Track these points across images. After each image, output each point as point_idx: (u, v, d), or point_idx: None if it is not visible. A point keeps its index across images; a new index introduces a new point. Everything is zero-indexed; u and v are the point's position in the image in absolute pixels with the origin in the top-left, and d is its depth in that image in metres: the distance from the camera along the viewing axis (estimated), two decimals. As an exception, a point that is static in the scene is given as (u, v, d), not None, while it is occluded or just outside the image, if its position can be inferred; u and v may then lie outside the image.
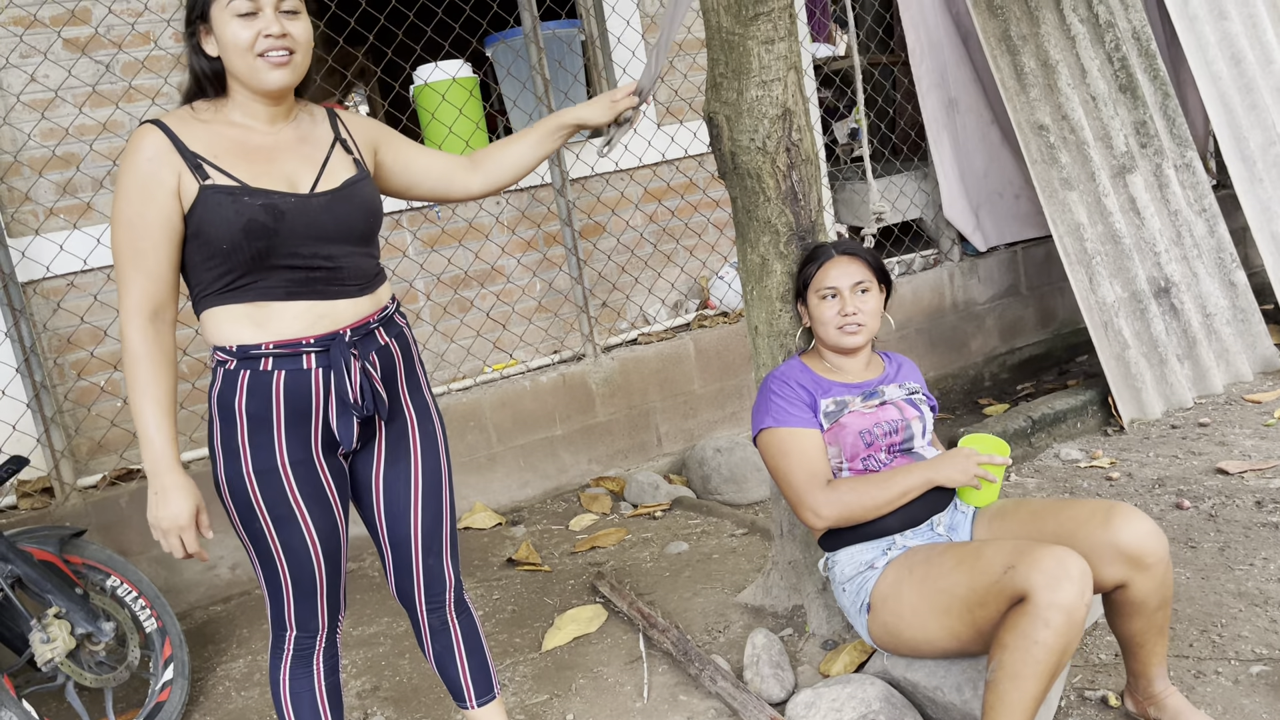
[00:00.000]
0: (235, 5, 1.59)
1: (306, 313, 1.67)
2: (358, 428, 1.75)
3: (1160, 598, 1.92)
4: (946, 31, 4.50)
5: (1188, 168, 4.30)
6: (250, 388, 1.66)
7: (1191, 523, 2.95)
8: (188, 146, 1.62)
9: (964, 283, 4.79)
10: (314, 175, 1.70)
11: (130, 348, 1.61)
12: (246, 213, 1.60)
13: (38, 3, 3.30)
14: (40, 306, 3.34)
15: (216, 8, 1.61)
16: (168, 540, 1.65)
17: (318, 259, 1.67)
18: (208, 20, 1.62)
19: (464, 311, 4.04)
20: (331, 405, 1.70)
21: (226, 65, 1.64)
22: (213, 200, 1.60)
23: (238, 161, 1.64)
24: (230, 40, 1.61)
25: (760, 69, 2.24)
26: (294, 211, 1.64)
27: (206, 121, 1.66)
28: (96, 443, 3.44)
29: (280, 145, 1.70)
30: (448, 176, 1.98)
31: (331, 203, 1.69)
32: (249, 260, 1.61)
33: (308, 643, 1.81)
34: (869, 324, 2.18)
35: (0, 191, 3.28)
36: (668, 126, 4.39)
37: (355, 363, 1.71)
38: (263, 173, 1.65)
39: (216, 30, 1.62)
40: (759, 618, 2.70)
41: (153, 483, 1.63)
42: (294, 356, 1.66)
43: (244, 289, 1.64)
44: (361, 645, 2.93)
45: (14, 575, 2.42)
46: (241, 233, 1.59)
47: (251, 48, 1.61)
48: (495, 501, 3.86)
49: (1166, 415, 3.93)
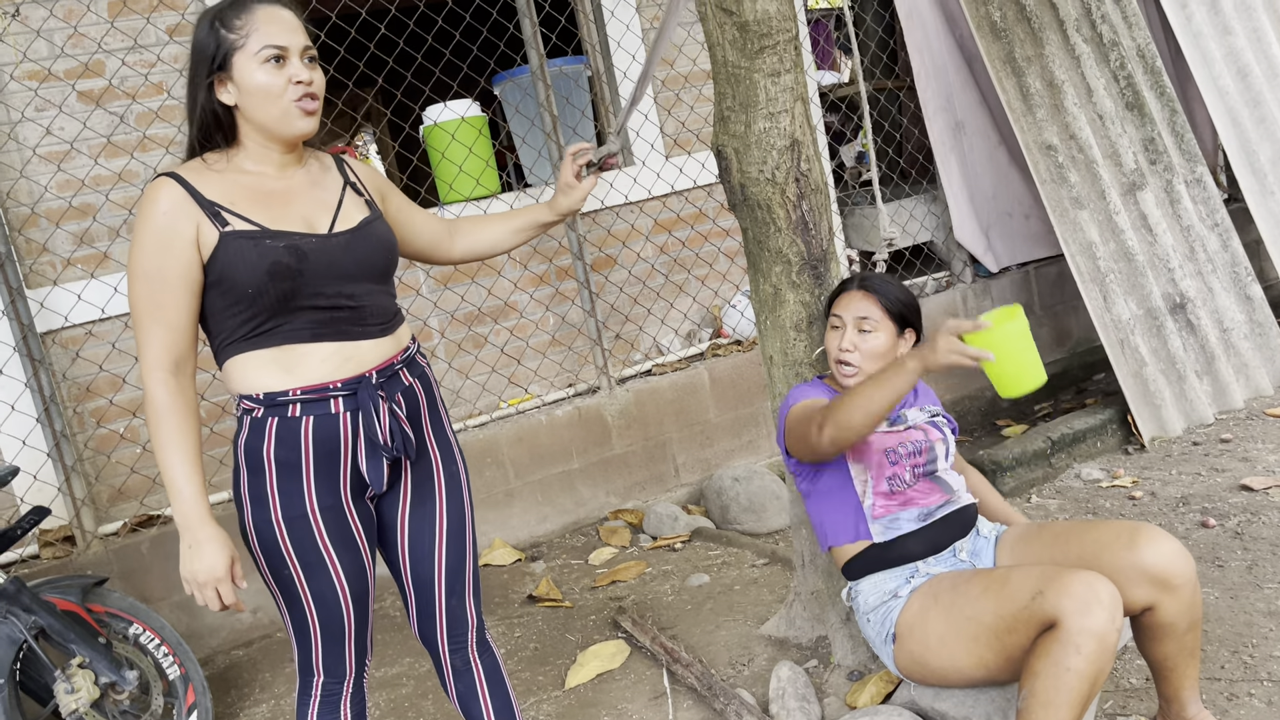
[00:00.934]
0: (265, 52, 1.61)
1: (333, 355, 1.68)
2: (387, 470, 1.75)
3: (1189, 620, 1.90)
4: (951, 55, 4.52)
5: (1198, 182, 4.29)
6: (279, 435, 1.66)
7: (1218, 541, 2.92)
8: (204, 195, 1.63)
9: (977, 304, 4.78)
10: (330, 217, 1.72)
11: (154, 402, 1.61)
12: (270, 255, 1.61)
13: (52, 57, 3.36)
14: (59, 356, 3.37)
15: (242, 55, 1.61)
16: (203, 594, 1.63)
17: (341, 298, 1.68)
18: (227, 69, 1.63)
19: (478, 348, 4.05)
20: (360, 448, 1.71)
21: (246, 112, 1.65)
22: (234, 246, 1.61)
23: (255, 206, 1.65)
24: (259, 87, 1.62)
25: (767, 101, 2.26)
26: (316, 251, 1.65)
27: (220, 171, 1.68)
28: (117, 490, 3.46)
29: (294, 190, 1.72)
30: (436, 239, 2.02)
31: (351, 242, 1.71)
32: (274, 303, 1.62)
33: (335, 688, 1.80)
34: (864, 365, 2.12)
35: (18, 243, 3.32)
36: (676, 158, 4.42)
37: (383, 404, 1.72)
38: (280, 216, 1.66)
39: (239, 78, 1.62)
40: (783, 650, 2.68)
41: (185, 536, 1.62)
42: (322, 401, 1.67)
43: (269, 333, 1.65)
44: (384, 686, 2.92)
45: (38, 626, 2.42)
46: (266, 275, 1.60)
47: (283, 94, 1.63)
48: (514, 537, 3.86)
49: (1187, 432, 3.90)
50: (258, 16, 1.62)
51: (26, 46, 3.32)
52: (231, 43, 1.62)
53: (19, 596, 2.42)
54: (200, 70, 1.65)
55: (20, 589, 2.43)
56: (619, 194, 4.25)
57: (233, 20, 1.62)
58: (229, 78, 1.64)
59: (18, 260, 3.27)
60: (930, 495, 2.11)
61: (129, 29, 3.45)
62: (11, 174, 3.31)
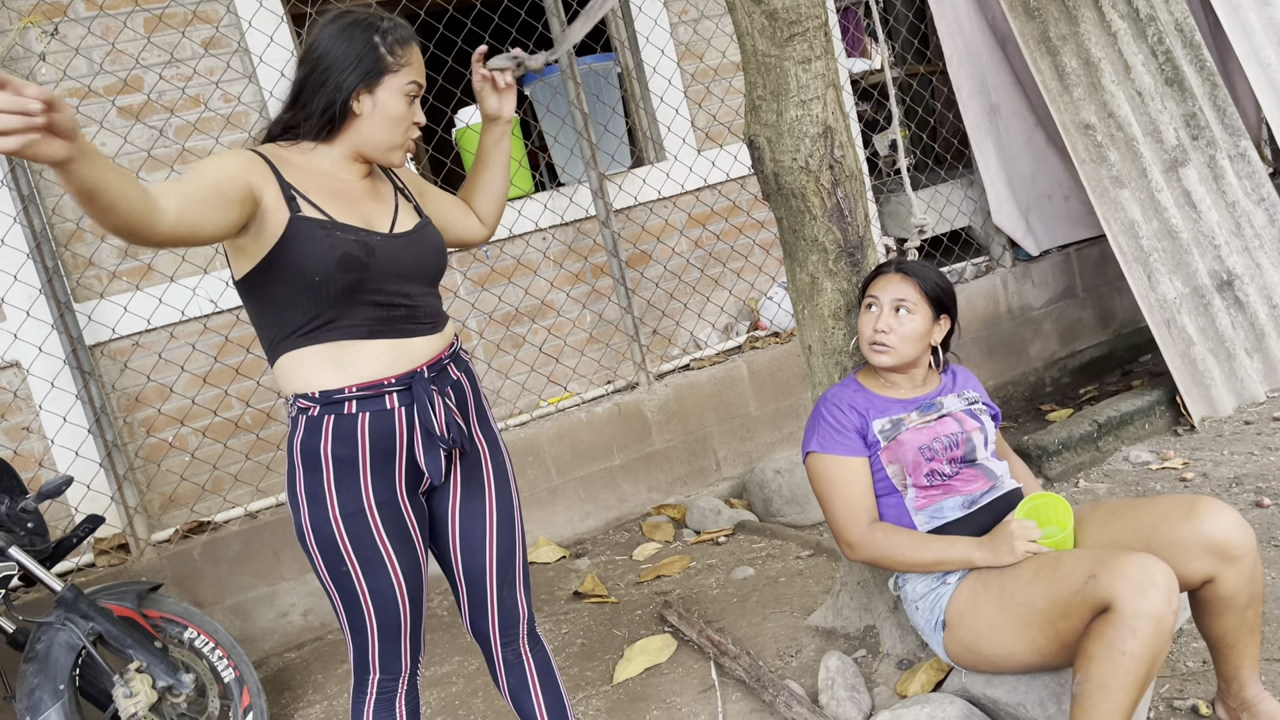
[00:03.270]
0: (411, 88, 1.73)
1: (387, 352, 1.71)
2: (444, 461, 1.77)
3: (1250, 593, 1.86)
4: (983, 37, 4.47)
5: (1242, 157, 4.20)
6: (336, 432, 1.68)
7: (1273, 520, 2.86)
8: (284, 176, 1.67)
9: (1018, 288, 4.72)
10: (390, 219, 1.77)
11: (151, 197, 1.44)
12: (341, 245, 1.64)
13: (91, 74, 3.42)
14: (108, 367, 3.43)
15: (393, 80, 1.71)
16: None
17: (398, 296, 1.72)
18: (374, 86, 1.70)
19: (517, 347, 4.07)
20: (417, 442, 1.73)
21: (365, 128, 1.72)
22: (305, 231, 1.63)
23: (326, 198, 1.69)
24: (394, 113, 1.72)
25: (799, 89, 2.24)
26: (381, 248, 1.70)
27: (296, 161, 1.72)
28: (168, 497, 3.51)
29: (360, 192, 1.77)
30: (465, 218, 2.04)
31: (410, 243, 1.76)
32: (339, 293, 1.65)
33: (390, 685, 1.82)
34: (899, 346, 2.11)
35: (65, 258, 3.38)
36: (708, 151, 4.40)
37: (437, 397, 1.75)
38: (347, 211, 1.71)
39: (381, 99, 1.71)
40: (831, 640, 2.66)
41: None
42: (377, 398, 1.70)
43: (327, 327, 1.67)
44: (435, 685, 2.94)
45: (95, 632, 2.47)
46: (336, 264, 1.63)
47: (408, 126, 1.75)
48: (558, 535, 3.87)
49: (1238, 411, 3.82)
50: (414, 53, 1.74)
51: (66, 64, 3.38)
52: (389, 65, 1.71)
53: (77, 604, 2.47)
54: (347, 71, 1.69)
55: (78, 596, 2.48)
56: (652, 189, 4.25)
57: (396, 47, 1.71)
58: (369, 93, 1.70)
59: (65, 275, 3.34)
60: (973, 482, 2.08)
61: (165, 44, 3.50)
62: (56, 190, 3.37)
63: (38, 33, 3.35)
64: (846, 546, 2.12)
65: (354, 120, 1.72)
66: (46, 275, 3.20)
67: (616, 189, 4.16)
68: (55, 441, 3.32)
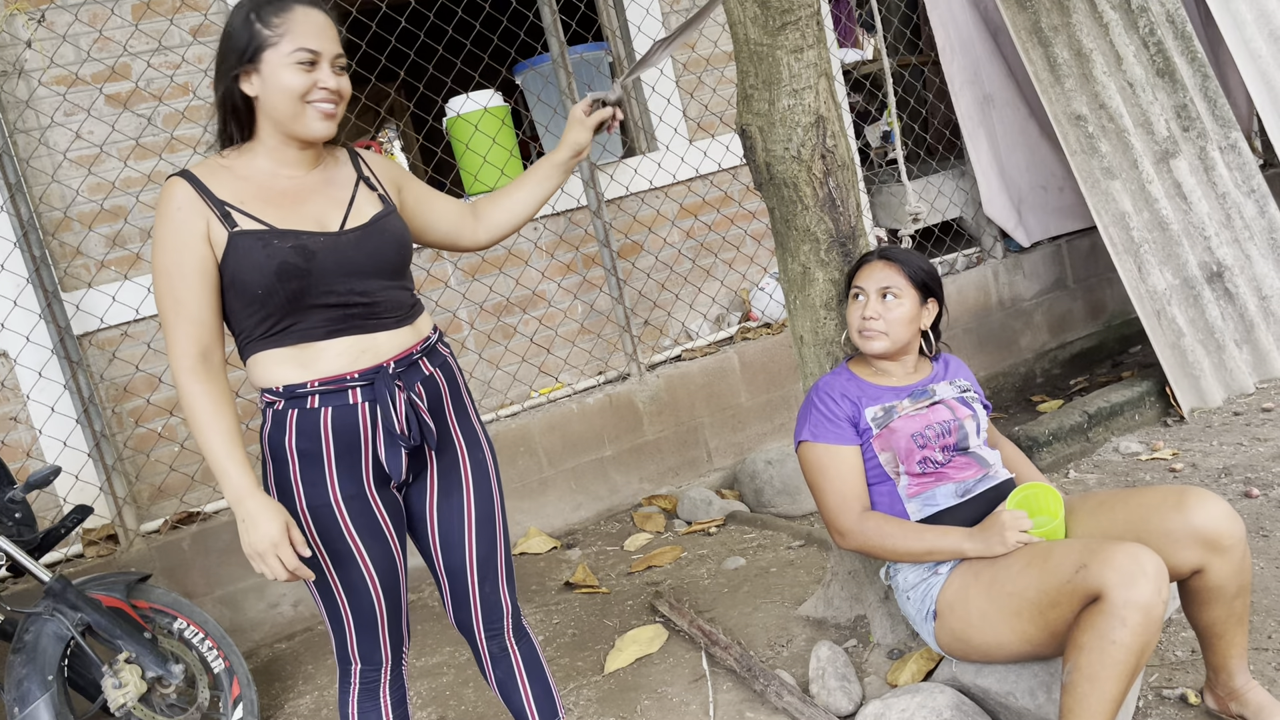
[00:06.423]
0: (298, 55, 1.62)
1: (349, 349, 1.69)
2: (407, 460, 1.76)
3: (1239, 583, 1.87)
4: (976, 28, 4.46)
5: (1233, 148, 4.21)
6: (299, 426, 1.68)
7: (1262, 511, 2.87)
8: (215, 195, 1.64)
9: (1009, 279, 4.73)
10: (342, 214, 1.72)
11: (186, 391, 1.63)
12: (278, 256, 1.62)
13: (79, 61, 3.39)
14: (96, 357, 3.41)
15: (274, 53, 1.62)
16: (266, 563, 1.61)
17: (353, 295, 1.68)
18: (256, 63, 1.64)
19: (508, 338, 4.06)
20: (379, 438, 1.72)
21: (266, 108, 1.66)
22: (243, 246, 1.62)
23: (265, 206, 1.66)
24: (283, 85, 1.63)
25: (791, 78, 2.24)
26: (324, 250, 1.66)
27: (234, 168, 1.69)
28: (157, 488, 3.50)
29: (306, 188, 1.72)
30: (459, 225, 2.00)
31: (362, 238, 1.71)
32: (285, 303, 1.63)
33: (373, 675, 1.82)
34: (890, 331, 2.12)
35: (52, 248, 3.36)
36: (700, 142, 4.39)
37: (400, 394, 1.72)
38: (290, 215, 1.67)
39: (265, 73, 1.63)
40: (821, 630, 2.67)
41: (239, 511, 1.62)
42: (340, 393, 1.68)
43: (285, 332, 1.66)
44: (425, 676, 2.94)
45: (84, 623, 2.46)
46: (274, 276, 1.61)
47: (303, 96, 1.64)
48: (549, 525, 3.87)
49: (1228, 402, 3.84)
50: (295, 17, 1.63)
51: (53, 52, 3.35)
52: (265, 38, 1.62)
53: (65, 594, 2.46)
54: (229, 59, 1.65)
55: (66, 587, 2.47)
56: (644, 179, 4.24)
57: (270, 17, 1.63)
58: (255, 71, 1.64)
59: (52, 264, 3.31)
60: (965, 470, 2.09)
61: (153, 31, 3.48)
62: (43, 179, 3.35)
63: (24, 19, 3.32)
64: (838, 535, 2.12)
65: (257, 104, 1.67)
66: (34, 264, 3.18)
67: (608, 179, 4.14)
68: (43, 432, 3.30)
